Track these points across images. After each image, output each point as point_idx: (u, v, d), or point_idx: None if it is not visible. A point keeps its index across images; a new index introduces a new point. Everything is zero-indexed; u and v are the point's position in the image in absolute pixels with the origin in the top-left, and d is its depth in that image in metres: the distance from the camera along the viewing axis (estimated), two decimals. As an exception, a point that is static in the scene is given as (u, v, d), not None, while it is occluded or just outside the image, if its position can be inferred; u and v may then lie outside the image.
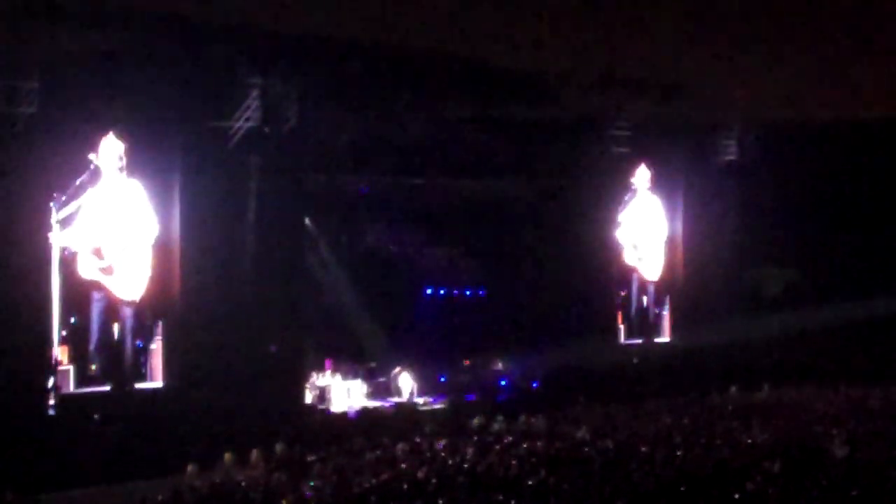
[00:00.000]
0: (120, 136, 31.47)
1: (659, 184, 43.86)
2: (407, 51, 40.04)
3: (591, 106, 43.03)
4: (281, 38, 35.85)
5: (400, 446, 28.80)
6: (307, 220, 37.12)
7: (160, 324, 33.52)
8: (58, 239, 30.85)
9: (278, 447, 29.20)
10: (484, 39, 42.52)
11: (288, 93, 33.88)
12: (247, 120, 33.25)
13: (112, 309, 32.48)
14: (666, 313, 45.19)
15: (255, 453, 28.87)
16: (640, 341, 44.19)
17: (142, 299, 32.75)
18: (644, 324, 44.45)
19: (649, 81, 44.51)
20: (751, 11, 45.71)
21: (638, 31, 45.61)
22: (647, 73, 44.75)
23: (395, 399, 38.67)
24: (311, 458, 27.98)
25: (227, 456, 28.61)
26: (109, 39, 32.00)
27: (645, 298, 44.54)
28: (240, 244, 33.89)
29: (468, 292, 43.14)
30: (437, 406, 38.32)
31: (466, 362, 41.28)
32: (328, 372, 37.99)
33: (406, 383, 39.32)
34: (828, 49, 46.70)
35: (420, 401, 38.80)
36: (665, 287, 44.88)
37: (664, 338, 45.16)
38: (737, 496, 21.68)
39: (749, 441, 28.08)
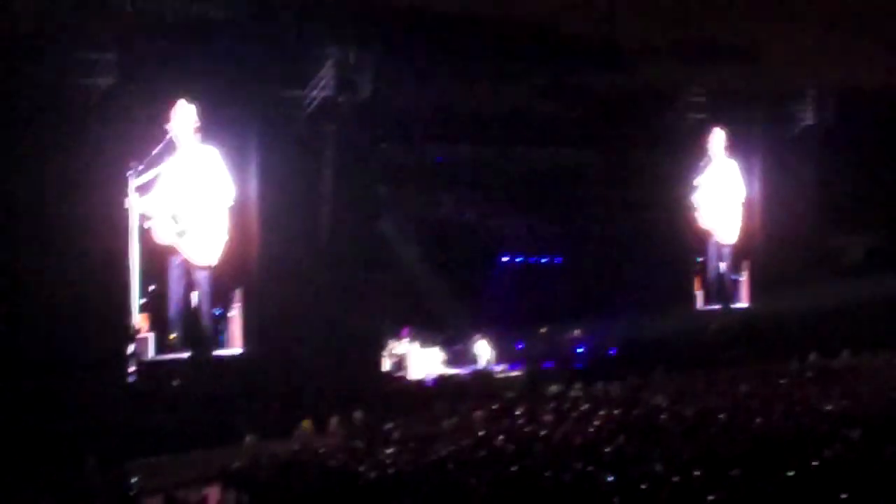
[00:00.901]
0: (194, 103, 31.63)
1: (735, 148, 43.52)
2: (482, 20, 39.98)
3: (666, 73, 42.77)
4: (355, 8, 35.85)
5: (477, 413, 28.92)
6: (383, 189, 37.19)
7: (238, 291, 33.74)
8: (136, 206, 31.16)
9: (356, 415, 29.43)
10: (559, 8, 42.36)
11: (363, 63, 33.92)
12: (322, 89, 33.35)
13: (190, 276, 32.76)
14: (744, 279, 44.88)
15: (333, 421, 29.17)
16: (717, 307, 43.91)
17: (220, 265, 32.98)
18: (722, 290, 44.16)
19: (725, 47, 44.19)
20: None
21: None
22: (723, 39, 44.43)
23: (473, 367, 38.72)
24: (389, 425, 28.15)
25: (305, 423, 28.92)
26: (185, 10, 32.14)
27: (722, 264, 44.22)
28: (316, 213, 34.07)
29: (545, 260, 43.07)
30: (515, 374, 38.36)
31: (543, 330, 41.20)
32: (406, 340, 38.11)
33: (483, 351, 39.37)
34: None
35: (497, 368, 38.84)
36: (743, 252, 44.56)
37: (742, 303, 44.85)
38: (815, 463, 21.53)
39: (828, 408, 27.90)
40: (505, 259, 42.54)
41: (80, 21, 29.93)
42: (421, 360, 37.91)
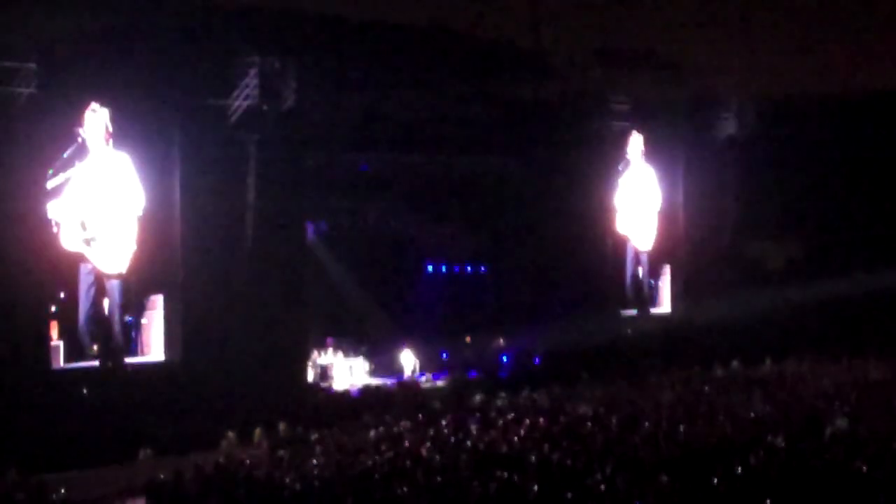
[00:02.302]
0: (110, 108, 31.22)
1: (656, 154, 43.63)
2: (404, 28, 39.99)
3: (589, 81, 42.97)
4: (278, 17, 35.73)
5: (402, 423, 28.86)
6: (307, 198, 37.04)
7: (154, 298, 33.37)
8: (47, 211, 30.79)
9: (281, 426, 29.28)
10: (481, 16, 42.48)
11: (286, 71, 33.77)
12: (245, 98, 33.18)
13: (100, 283, 32.16)
14: (662, 285, 45.10)
15: (258, 432, 29.00)
16: (635, 313, 44.02)
17: (132, 273, 32.36)
18: (639, 295, 44.21)
19: (647, 56, 44.47)
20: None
21: (636, 5, 45.55)
22: (645, 47, 44.73)
23: (398, 376, 38.66)
24: (314, 436, 28.05)
25: (230, 435, 28.72)
26: (108, 19, 31.88)
27: (640, 270, 44.26)
28: (240, 221, 33.85)
29: (469, 269, 43.13)
30: (440, 383, 38.36)
31: (468, 339, 41.27)
32: (330, 350, 38.02)
33: (408, 360, 39.36)
34: (825, 21, 46.65)
35: (423, 378, 38.82)
36: (662, 258, 44.70)
37: (662, 309, 45.06)
38: (739, 470, 21.69)
39: (751, 415, 28.11)
40: (429, 268, 42.54)
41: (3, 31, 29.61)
42: (346, 371, 37.84)
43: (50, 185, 30.55)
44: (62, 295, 31.96)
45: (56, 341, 31.68)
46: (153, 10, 32.91)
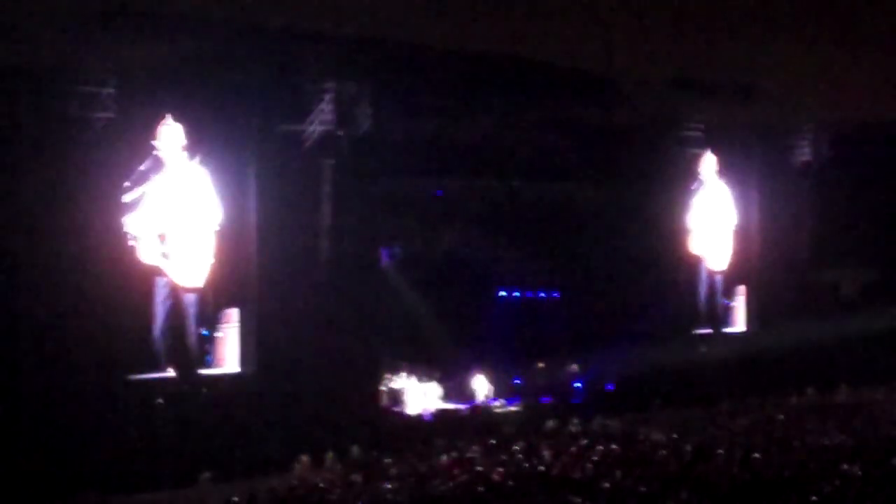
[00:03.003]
0: (183, 124, 31.60)
1: (731, 176, 43.45)
2: (480, 54, 40.09)
3: (664, 107, 42.86)
4: (354, 43, 35.96)
5: (475, 448, 28.88)
6: (382, 223, 37.16)
7: (230, 312, 33.59)
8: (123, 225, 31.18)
9: (354, 449, 29.39)
10: (558, 43, 42.50)
11: (361, 96, 33.99)
12: (321, 123, 33.42)
13: (176, 296, 32.44)
14: (737, 305, 44.74)
15: (329, 455, 29.13)
16: (710, 331, 43.76)
17: (209, 287, 32.72)
18: (714, 314, 43.91)
19: (723, 83, 44.30)
20: (826, 11, 45.45)
21: (711, 32, 45.42)
22: (721, 74, 44.55)
23: (471, 401, 38.67)
24: (387, 460, 28.11)
25: (304, 458, 28.88)
26: (185, 46, 32.22)
27: (715, 290, 43.96)
28: (314, 244, 34.06)
29: (542, 294, 43.05)
30: (512, 408, 38.33)
31: (541, 365, 41.21)
32: (403, 374, 38.08)
33: (481, 386, 39.35)
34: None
35: (495, 403, 38.81)
36: (737, 278, 44.31)
37: (737, 328, 44.79)
38: (814, 499, 21.51)
39: (826, 443, 27.89)
40: (503, 293, 42.52)
41: (80, 55, 30.01)
42: (418, 395, 37.87)
43: (127, 199, 30.97)
44: (140, 307, 32.21)
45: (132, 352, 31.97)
46: (230, 37, 33.23)
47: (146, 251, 31.51)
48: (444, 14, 40.03)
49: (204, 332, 33.15)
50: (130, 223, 31.08)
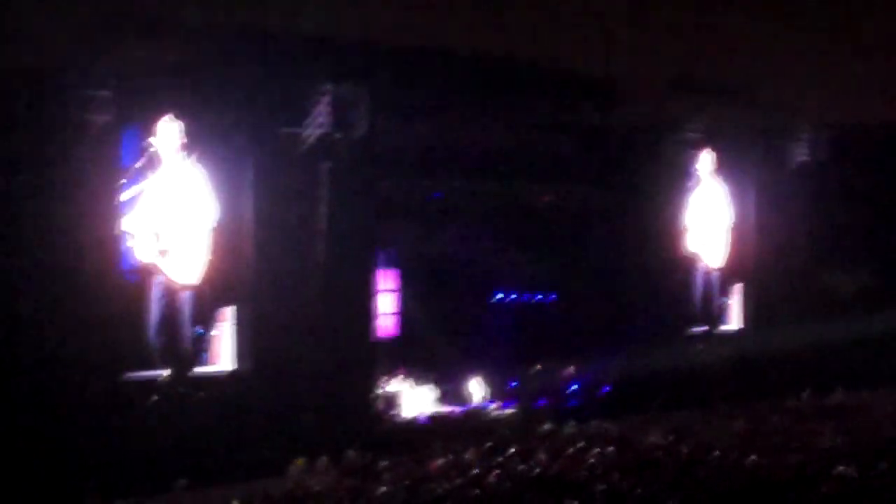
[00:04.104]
0: (182, 121, 31.65)
1: (727, 174, 43.45)
2: (478, 56, 40.03)
3: (662, 109, 42.83)
4: (351, 45, 35.92)
5: (471, 452, 28.84)
6: (380, 225, 37.14)
7: (225, 310, 33.50)
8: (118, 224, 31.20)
9: (349, 453, 29.36)
10: (556, 45, 42.48)
11: (359, 99, 33.98)
12: (318, 126, 33.41)
13: (172, 294, 32.39)
14: (732, 303, 44.73)
15: (324, 459, 29.09)
16: (705, 328, 43.71)
17: (203, 284, 32.68)
18: (709, 312, 43.92)
19: (722, 84, 44.27)
20: (823, 12, 45.47)
21: (709, 34, 45.44)
22: (720, 75, 44.55)
23: (466, 405, 38.64)
24: (383, 463, 28.07)
25: (299, 461, 28.84)
26: (182, 49, 32.21)
27: (710, 287, 43.95)
28: (311, 246, 34.06)
29: (538, 297, 43.02)
30: (508, 411, 38.29)
31: (537, 368, 41.16)
32: (398, 377, 38.04)
33: (477, 389, 39.32)
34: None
35: (491, 406, 38.77)
36: (733, 276, 44.29)
37: (732, 326, 44.75)
38: (811, 500, 21.51)
39: (824, 445, 27.88)
40: (499, 296, 42.50)
41: (77, 59, 30.03)
42: (414, 398, 37.84)
43: (123, 198, 31.02)
44: (135, 305, 32.20)
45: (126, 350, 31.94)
46: (226, 39, 33.21)
47: (143, 249, 31.55)
48: (441, 17, 40.00)
49: (199, 330, 33.21)
50: (127, 222, 31.13)
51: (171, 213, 32.06)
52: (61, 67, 29.84)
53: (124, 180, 31.03)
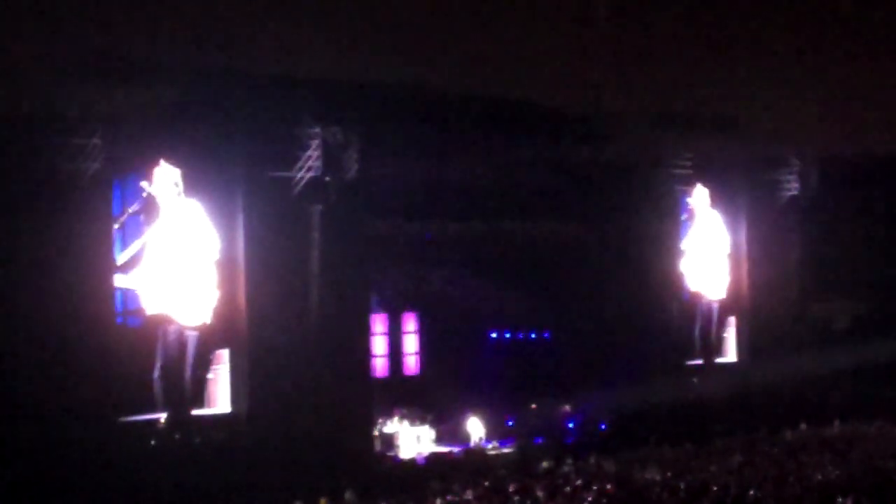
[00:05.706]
0: (176, 165, 31.89)
1: (719, 207, 43.77)
2: (466, 97, 40.17)
3: (652, 144, 42.94)
4: (340, 88, 36.06)
5: (470, 491, 28.79)
6: (372, 266, 37.19)
7: (220, 353, 33.64)
8: (121, 282, 31.37)
9: (348, 495, 29.29)
10: (544, 83, 42.60)
11: (348, 141, 34.09)
12: (309, 169, 33.51)
13: (176, 338, 32.63)
14: (729, 336, 44.84)
15: (323, 501, 29.03)
16: (701, 361, 43.83)
17: (205, 328, 33.00)
18: (707, 345, 44.02)
19: (709, 118, 44.42)
20: (812, 48, 45.68)
21: (696, 69, 45.58)
22: (706, 109, 44.68)
23: (464, 444, 38.56)
24: (382, 504, 28.05)
25: (297, 504, 28.79)
26: (170, 93, 32.36)
27: (708, 320, 44.09)
28: (304, 289, 34.11)
29: (533, 335, 43.06)
30: (506, 450, 38.22)
31: (533, 406, 41.15)
32: (396, 418, 38.00)
33: (474, 428, 39.25)
34: (892, 81, 46.51)
35: (489, 445, 38.71)
36: (729, 309, 44.53)
37: (729, 359, 44.84)
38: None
39: (821, 477, 27.87)
40: (494, 335, 42.50)
41: (65, 108, 30.12)
42: (412, 439, 37.78)
43: (124, 257, 31.15)
44: (138, 352, 32.24)
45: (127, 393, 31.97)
46: (215, 83, 33.36)
47: (149, 301, 31.67)
48: (429, 59, 40.13)
49: (198, 372, 33.31)
50: (131, 278, 31.31)
51: (176, 258, 32.29)
52: (52, 116, 29.92)
53: (119, 226, 31.17)
